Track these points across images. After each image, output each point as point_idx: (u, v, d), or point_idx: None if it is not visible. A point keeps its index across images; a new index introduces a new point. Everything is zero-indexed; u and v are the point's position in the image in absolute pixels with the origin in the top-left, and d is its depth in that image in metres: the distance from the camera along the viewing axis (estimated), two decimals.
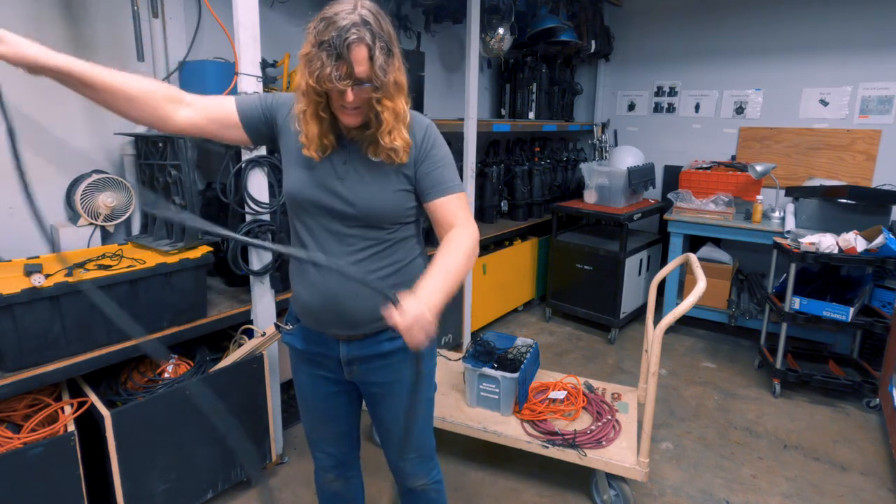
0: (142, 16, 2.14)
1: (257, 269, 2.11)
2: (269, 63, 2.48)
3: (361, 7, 1.11)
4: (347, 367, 1.39)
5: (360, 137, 1.25)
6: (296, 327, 1.43)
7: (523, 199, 4.13)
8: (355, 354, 1.37)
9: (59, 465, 1.61)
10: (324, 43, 1.08)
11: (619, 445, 2.10)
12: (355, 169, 1.26)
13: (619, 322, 3.71)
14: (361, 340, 1.35)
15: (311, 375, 1.45)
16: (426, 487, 1.54)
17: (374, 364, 1.38)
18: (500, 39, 3.68)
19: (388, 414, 1.45)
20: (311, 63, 1.10)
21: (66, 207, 2.21)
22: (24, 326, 1.62)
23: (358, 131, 1.24)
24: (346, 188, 1.25)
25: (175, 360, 2.08)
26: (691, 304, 1.80)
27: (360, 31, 1.07)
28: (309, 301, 1.33)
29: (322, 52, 1.08)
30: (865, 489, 2.31)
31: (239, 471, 2.12)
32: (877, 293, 3.14)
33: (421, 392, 1.45)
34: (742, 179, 3.81)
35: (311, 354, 1.42)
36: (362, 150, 1.25)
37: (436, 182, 1.28)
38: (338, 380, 1.43)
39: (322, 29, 1.09)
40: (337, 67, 1.08)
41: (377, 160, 1.25)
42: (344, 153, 1.26)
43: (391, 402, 1.43)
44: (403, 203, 1.29)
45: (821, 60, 3.76)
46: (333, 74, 1.08)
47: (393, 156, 1.23)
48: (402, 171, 1.27)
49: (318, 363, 1.42)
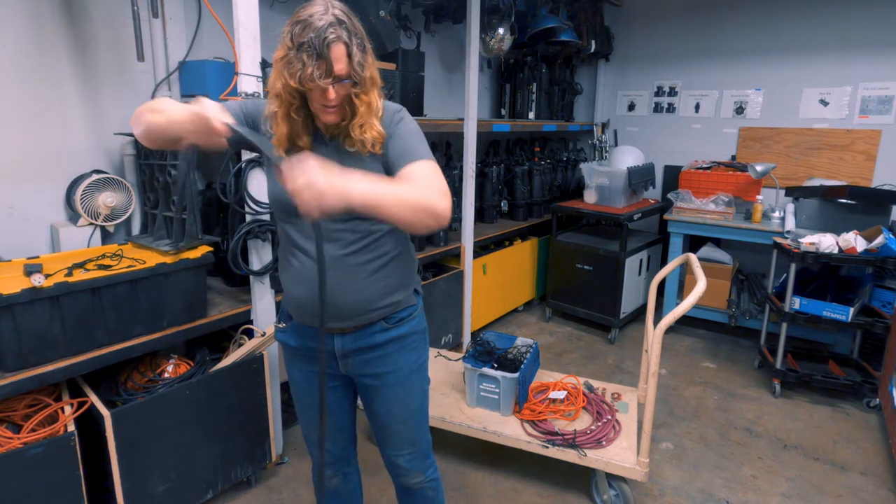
0: (142, 16, 2.14)
1: (257, 269, 2.11)
2: (269, 63, 2.48)
3: (333, 8, 1.15)
4: (343, 360, 1.41)
5: (336, 132, 1.29)
6: (288, 325, 1.44)
7: (523, 199, 4.13)
8: (349, 347, 1.39)
9: (59, 465, 1.61)
10: (303, 44, 1.11)
11: (619, 445, 2.10)
12: (335, 163, 1.24)
13: (619, 322, 3.71)
14: (354, 332, 1.38)
15: (306, 372, 1.46)
16: (423, 485, 1.55)
17: (369, 355, 1.40)
18: (500, 39, 3.68)
19: (383, 407, 1.46)
20: (290, 65, 1.13)
21: (66, 207, 2.21)
22: (24, 326, 1.62)
23: (334, 127, 1.28)
24: None
25: (175, 360, 2.08)
26: (691, 304, 1.80)
27: (336, 30, 1.12)
28: (300, 296, 1.35)
29: (302, 54, 1.11)
30: (865, 489, 2.31)
31: (239, 471, 2.12)
32: (877, 293, 3.14)
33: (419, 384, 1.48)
34: (742, 179, 3.81)
35: (306, 350, 1.43)
36: (340, 144, 1.28)
37: (402, 152, 1.24)
38: (333, 374, 1.45)
39: (299, 31, 1.12)
40: (318, 67, 1.11)
41: (353, 151, 1.26)
42: (324, 150, 1.28)
43: (385, 394, 1.45)
44: None
45: (821, 60, 3.76)
46: (315, 73, 1.12)
47: (368, 145, 1.25)
48: (377, 159, 1.28)
49: (312, 359, 1.44)
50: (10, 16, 1.97)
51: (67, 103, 2.16)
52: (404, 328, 1.41)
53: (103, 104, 2.26)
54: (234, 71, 1.92)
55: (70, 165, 2.19)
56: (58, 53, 2.11)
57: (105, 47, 2.23)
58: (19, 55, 2.01)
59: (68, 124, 2.18)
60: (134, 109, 1.24)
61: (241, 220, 2.11)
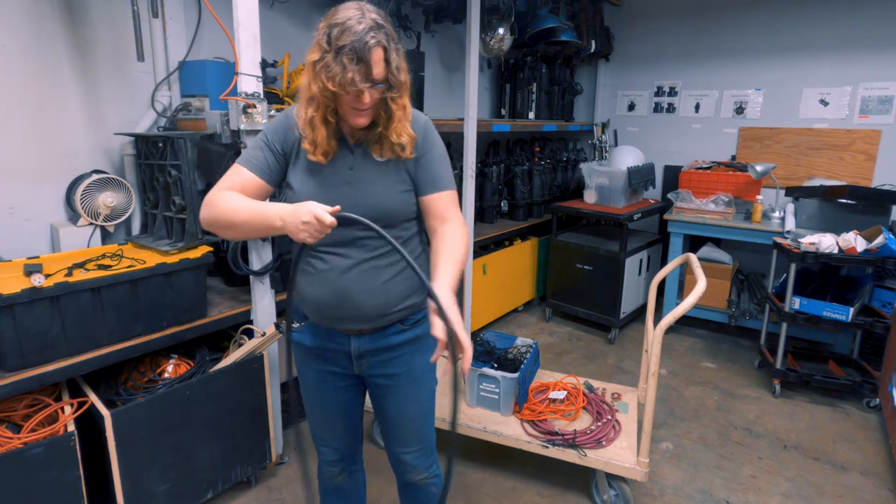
0: (142, 16, 2.14)
1: (257, 269, 2.11)
2: (269, 63, 2.49)
3: (369, 11, 1.16)
4: (357, 360, 1.42)
5: (365, 138, 1.29)
6: (304, 325, 1.45)
7: (523, 199, 4.13)
8: (366, 348, 1.41)
9: (59, 465, 1.61)
10: (343, 48, 1.11)
11: (619, 445, 2.10)
12: (363, 172, 1.30)
13: (619, 322, 3.71)
14: (372, 334, 1.39)
15: (319, 372, 1.47)
16: (426, 481, 1.56)
17: (384, 356, 1.42)
18: (500, 39, 3.68)
19: (395, 406, 1.48)
20: (328, 69, 1.14)
21: (66, 207, 2.21)
22: (24, 326, 1.62)
23: (363, 132, 1.29)
24: (358, 192, 1.29)
25: (175, 360, 2.08)
26: (691, 304, 1.80)
27: (376, 34, 1.13)
28: (321, 298, 1.35)
29: (342, 57, 1.12)
30: (865, 489, 2.31)
31: (239, 471, 2.12)
32: (877, 293, 3.14)
33: (429, 383, 1.52)
34: (742, 179, 3.81)
35: (321, 351, 1.44)
36: (369, 151, 1.30)
37: (433, 178, 1.35)
38: (345, 374, 1.47)
39: (337, 35, 1.12)
40: (358, 71, 1.12)
41: (382, 160, 1.30)
42: (350, 158, 1.31)
43: (397, 394, 1.46)
44: (409, 200, 1.35)
45: (821, 60, 3.76)
46: (356, 78, 1.12)
47: (399, 151, 1.28)
48: (404, 169, 1.33)
49: (326, 359, 1.45)
50: (10, 16, 1.97)
51: (67, 103, 2.16)
52: (419, 330, 1.43)
53: (103, 104, 2.26)
54: (234, 71, 1.92)
55: (70, 165, 2.19)
56: (58, 53, 2.11)
57: (105, 47, 2.23)
58: (19, 55, 2.01)
59: (68, 124, 2.18)
60: (134, 109, 1.24)
61: None
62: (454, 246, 1.29)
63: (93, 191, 2.12)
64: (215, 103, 2.23)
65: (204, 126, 2.14)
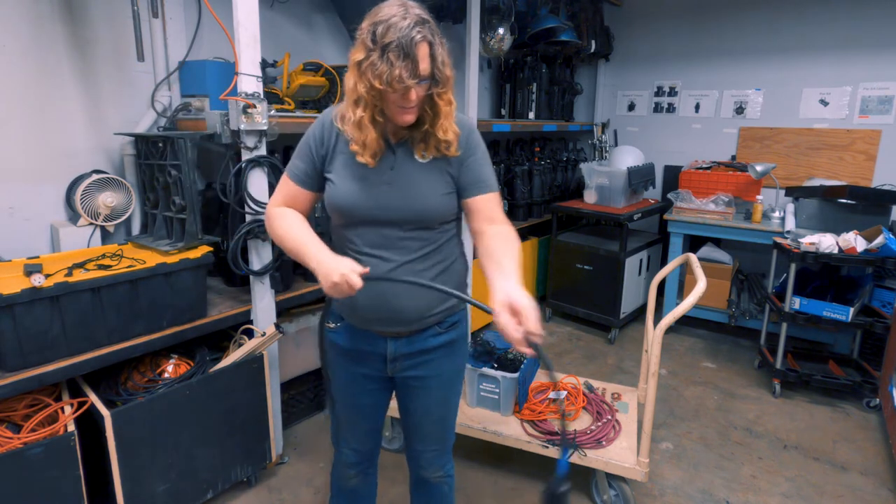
0: (142, 16, 2.14)
1: (257, 269, 2.11)
2: (269, 63, 2.48)
3: (412, 7, 1.14)
4: (392, 363, 1.43)
5: (409, 137, 1.28)
6: (340, 325, 1.45)
7: (523, 199, 4.12)
8: (402, 351, 1.41)
9: (59, 465, 1.61)
10: (389, 45, 1.10)
11: (619, 445, 2.10)
12: (403, 173, 1.29)
13: (619, 322, 3.71)
14: (409, 337, 1.39)
15: (352, 373, 1.47)
16: (440, 479, 1.57)
17: (418, 359, 1.42)
18: (500, 39, 3.68)
19: (421, 406, 1.49)
20: (374, 67, 1.12)
21: (66, 207, 2.21)
22: (24, 326, 1.62)
23: (407, 131, 1.27)
24: (399, 193, 1.28)
25: (175, 360, 2.08)
26: (691, 304, 1.80)
27: (421, 29, 1.12)
28: (360, 300, 1.33)
29: (389, 54, 1.10)
30: (865, 489, 2.31)
31: (239, 471, 2.12)
32: (877, 293, 3.14)
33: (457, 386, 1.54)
34: (742, 179, 3.81)
35: (356, 352, 1.44)
36: (412, 151, 1.29)
37: (479, 179, 1.33)
38: (378, 377, 1.47)
39: (382, 32, 1.11)
40: (405, 67, 1.11)
41: (424, 162, 1.28)
42: (391, 159, 1.29)
43: (425, 395, 1.47)
44: (450, 203, 1.33)
45: (821, 60, 3.76)
46: (403, 74, 1.11)
47: (445, 148, 1.26)
48: (447, 170, 1.31)
49: (360, 361, 1.45)
50: (10, 16, 1.97)
51: (67, 103, 2.16)
52: (454, 333, 1.44)
53: (103, 104, 2.26)
54: (234, 71, 1.92)
55: (70, 165, 2.19)
56: (58, 53, 2.11)
57: (105, 47, 2.23)
58: (19, 55, 2.01)
59: (68, 124, 2.17)
60: (134, 109, 1.24)
61: (242, 220, 2.11)
62: (511, 246, 1.26)
63: (93, 191, 2.12)
64: (215, 103, 2.23)
65: (204, 126, 2.14)
